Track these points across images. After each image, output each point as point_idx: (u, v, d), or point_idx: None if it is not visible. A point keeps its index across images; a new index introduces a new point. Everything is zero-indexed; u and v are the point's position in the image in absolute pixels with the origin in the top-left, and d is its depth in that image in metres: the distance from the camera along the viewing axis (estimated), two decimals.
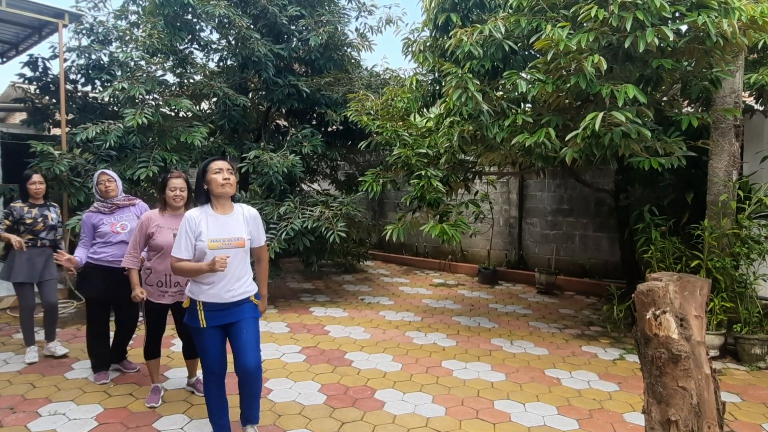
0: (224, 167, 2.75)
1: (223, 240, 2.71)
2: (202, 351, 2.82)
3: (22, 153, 6.02)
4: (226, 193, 2.77)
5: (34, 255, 4.28)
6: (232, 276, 2.75)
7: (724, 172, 4.76)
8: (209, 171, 2.75)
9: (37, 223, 4.28)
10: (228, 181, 2.74)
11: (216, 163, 2.76)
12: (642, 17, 3.84)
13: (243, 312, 2.81)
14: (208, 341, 2.78)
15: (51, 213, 4.39)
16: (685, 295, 2.13)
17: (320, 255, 6.76)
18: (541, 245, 8.23)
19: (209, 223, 2.73)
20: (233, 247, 2.73)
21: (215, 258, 2.58)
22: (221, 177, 2.72)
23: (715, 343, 4.57)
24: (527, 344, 5.03)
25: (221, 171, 2.73)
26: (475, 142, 5.41)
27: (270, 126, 8.27)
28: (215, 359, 2.82)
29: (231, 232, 2.75)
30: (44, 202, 4.41)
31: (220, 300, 2.74)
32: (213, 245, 2.68)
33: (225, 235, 2.73)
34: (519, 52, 5.07)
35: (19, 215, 4.24)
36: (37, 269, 4.28)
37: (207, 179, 2.75)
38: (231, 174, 2.77)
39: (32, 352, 4.31)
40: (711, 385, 2.10)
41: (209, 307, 2.75)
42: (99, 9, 7.48)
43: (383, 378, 4.11)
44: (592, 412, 3.56)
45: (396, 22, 8.12)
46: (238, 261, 2.76)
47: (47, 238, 4.35)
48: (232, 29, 6.93)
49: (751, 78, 4.84)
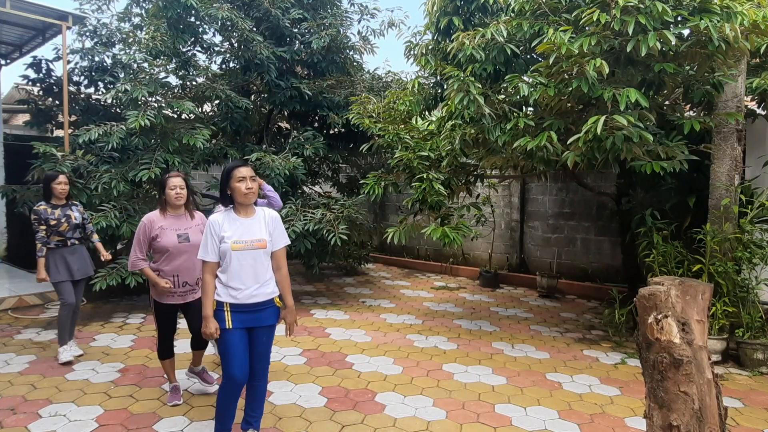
0: (247, 175, 2.78)
1: (245, 242, 2.76)
2: (226, 355, 2.77)
3: (25, 154, 6.04)
4: (249, 201, 2.82)
5: (66, 254, 4.36)
6: (256, 278, 2.79)
7: (726, 177, 4.75)
8: (233, 178, 2.78)
9: (61, 223, 4.33)
10: (251, 190, 2.78)
11: (239, 171, 2.78)
12: (644, 21, 3.85)
13: (264, 318, 2.85)
14: (233, 343, 2.76)
15: (74, 212, 4.45)
16: (687, 299, 2.12)
17: (321, 257, 6.76)
18: (543, 249, 8.22)
19: (232, 226, 2.78)
20: (255, 248, 2.78)
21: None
22: (244, 186, 2.76)
23: (717, 348, 4.55)
24: (528, 348, 5.02)
25: (244, 179, 2.76)
26: (476, 146, 5.42)
27: (272, 128, 8.29)
28: (238, 364, 2.77)
29: (253, 234, 2.80)
30: (66, 202, 4.46)
31: (246, 301, 2.77)
32: (236, 246, 2.74)
33: (247, 237, 2.78)
34: (521, 56, 5.07)
35: (44, 217, 4.28)
36: (74, 267, 4.37)
37: (231, 186, 2.79)
38: (254, 182, 2.81)
39: (66, 352, 4.34)
40: (713, 390, 2.09)
41: (236, 308, 2.78)
42: (102, 11, 7.53)
43: (384, 381, 4.11)
44: (594, 417, 3.55)
45: (398, 25, 8.17)
46: (261, 263, 2.81)
47: (74, 237, 4.42)
48: (234, 32, 6.95)
49: (754, 82, 4.83)
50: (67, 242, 4.36)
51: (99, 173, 5.76)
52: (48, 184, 4.36)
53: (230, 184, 2.79)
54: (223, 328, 2.76)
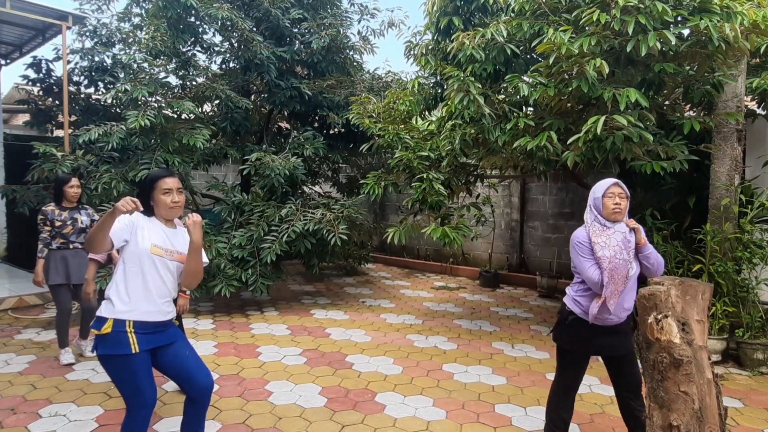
0: (174, 187, 2.48)
1: (166, 250, 2.45)
2: (136, 384, 2.32)
3: (25, 154, 6.04)
4: (174, 216, 2.54)
5: (68, 256, 4.31)
6: (170, 291, 2.49)
7: (726, 177, 4.75)
8: (157, 189, 2.46)
9: (66, 225, 4.30)
10: (177, 204, 2.49)
11: (165, 182, 2.46)
12: (644, 21, 3.84)
13: (175, 333, 2.52)
14: (142, 370, 2.33)
15: (81, 216, 4.40)
16: (687, 299, 2.12)
17: (321, 257, 6.76)
18: (543, 248, 8.22)
19: (152, 228, 2.47)
20: (176, 260, 2.48)
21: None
22: (170, 199, 2.47)
23: (717, 348, 4.55)
24: (528, 348, 5.02)
25: (170, 192, 2.47)
26: (476, 146, 5.41)
27: (272, 128, 8.29)
28: (149, 391, 2.36)
29: (175, 245, 2.49)
30: (77, 205, 4.42)
31: (155, 318, 2.40)
32: (156, 251, 2.41)
33: (168, 246, 2.47)
34: (521, 56, 5.07)
35: (50, 218, 4.27)
36: (71, 271, 4.30)
37: (154, 198, 2.48)
38: (180, 194, 2.50)
39: (67, 353, 4.33)
40: (713, 390, 2.09)
41: (141, 328, 2.36)
42: (102, 11, 7.52)
43: (384, 381, 4.11)
44: (594, 417, 3.55)
45: (398, 25, 8.15)
46: (176, 277, 2.51)
47: (77, 241, 4.36)
48: (234, 32, 6.95)
49: (754, 82, 4.83)
50: (69, 245, 4.32)
51: (99, 173, 5.76)
52: (60, 187, 4.32)
53: (153, 195, 2.47)
54: (129, 354, 2.30)
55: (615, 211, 2.62)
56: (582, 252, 2.66)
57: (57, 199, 4.34)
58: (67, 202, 4.35)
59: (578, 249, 2.68)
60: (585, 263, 2.64)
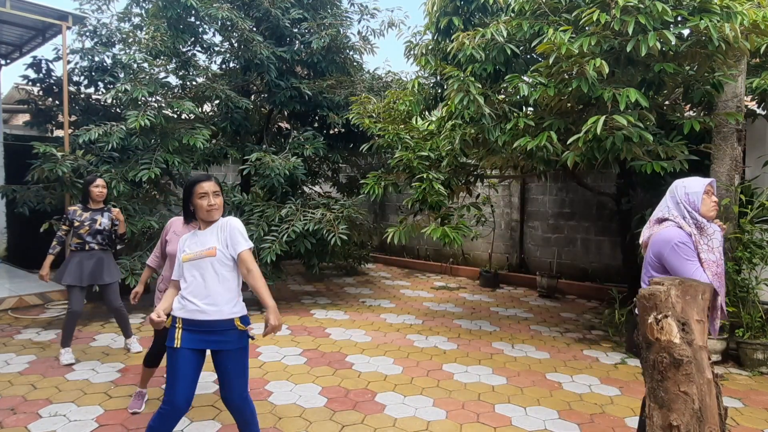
0: (210, 190, 2.58)
1: (195, 252, 2.56)
2: (169, 376, 2.47)
3: (26, 154, 6.04)
4: (212, 218, 2.62)
5: (84, 258, 4.32)
6: (207, 291, 2.53)
7: (726, 177, 4.75)
8: (194, 194, 2.60)
9: (83, 226, 4.33)
10: (213, 207, 2.58)
11: (201, 186, 2.59)
12: (644, 21, 3.85)
13: (227, 341, 2.54)
14: (182, 368, 2.47)
15: (102, 218, 4.41)
16: (686, 299, 2.12)
17: (321, 257, 6.76)
18: (543, 249, 8.22)
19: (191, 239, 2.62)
20: (202, 257, 2.55)
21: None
22: (206, 203, 2.57)
23: (717, 348, 4.55)
24: (528, 348, 5.02)
25: (206, 195, 2.58)
26: (476, 146, 5.42)
27: (272, 128, 8.29)
28: (181, 390, 2.45)
29: (204, 243, 2.58)
30: (101, 207, 4.46)
31: (194, 317, 2.51)
32: (186, 257, 2.56)
33: (198, 247, 2.57)
34: (521, 56, 5.07)
35: (70, 218, 4.33)
36: (86, 272, 4.31)
37: (192, 202, 2.62)
38: (217, 197, 2.60)
39: (67, 354, 4.35)
40: (713, 390, 2.09)
41: (187, 325, 2.52)
42: (102, 11, 7.52)
43: (384, 381, 4.11)
44: (594, 417, 3.55)
45: (398, 25, 8.16)
46: (211, 274, 2.54)
47: (93, 242, 4.37)
48: (234, 32, 6.95)
49: (754, 82, 4.83)
50: (85, 246, 4.34)
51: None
52: (86, 187, 4.39)
53: (192, 200, 2.61)
54: (171, 346, 2.50)
55: (714, 209, 2.44)
56: (686, 254, 2.38)
57: (84, 200, 4.41)
58: (93, 203, 4.40)
59: (680, 251, 2.39)
60: (689, 266, 2.37)
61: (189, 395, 2.48)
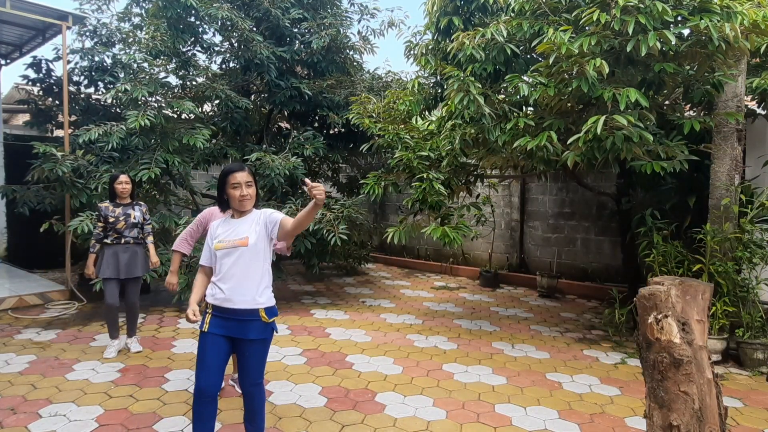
0: (242, 181, 2.64)
1: (228, 241, 2.64)
2: (199, 361, 2.58)
3: (26, 154, 6.04)
4: (244, 208, 2.69)
5: (119, 251, 4.48)
6: (237, 280, 2.59)
7: (726, 176, 4.75)
8: (227, 184, 2.66)
9: (119, 221, 4.47)
10: (245, 198, 2.65)
11: (234, 177, 2.65)
12: (644, 21, 3.85)
13: (250, 331, 2.60)
14: (208, 352, 2.57)
15: (135, 211, 4.57)
16: (687, 299, 2.12)
17: (321, 257, 6.76)
18: (543, 248, 8.22)
19: (223, 228, 2.71)
20: (235, 246, 2.62)
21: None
22: (239, 193, 2.64)
23: (717, 348, 4.55)
24: (528, 348, 5.02)
25: (239, 186, 2.64)
26: (476, 146, 5.41)
27: (272, 128, 8.29)
28: (205, 373, 2.55)
29: (238, 233, 2.65)
30: (130, 202, 4.60)
31: (222, 304, 2.59)
32: (218, 246, 2.64)
33: (231, 237, 2.64)
34: (521, 56, 5.07)
35: (104, 214, 4.46)
36: (122, 265, 4.46)
37: (226, 192, 2.69)
38: (249, 187, 2.66)
39: (111, 348, 4.48)
40: (713, 390, 2.09)
41: (216, 311, 2.62)
42: (102, 11, 7.53)
43: (384, 381, 4.11)
44: (594, 417, 3.55)
45: (398, 25, 8.17)
46: (243, 263, 2.61)
47: (130, 235, 4.52)
48: (234, 32, 6.95)
49: (754, 82, 4.84)
50: (122, 240, 4.48)
51: (99, 173, 5.76)
52: (111, 184, 4.54)
53: (225, 189, 2.68)
54: (200, 330, 2.63)
55: None
56: None
57: (111, 197, 4.56)
58: (119, 199, 4.55)
59: None
60: None
61: (212, 379, 2.56)
